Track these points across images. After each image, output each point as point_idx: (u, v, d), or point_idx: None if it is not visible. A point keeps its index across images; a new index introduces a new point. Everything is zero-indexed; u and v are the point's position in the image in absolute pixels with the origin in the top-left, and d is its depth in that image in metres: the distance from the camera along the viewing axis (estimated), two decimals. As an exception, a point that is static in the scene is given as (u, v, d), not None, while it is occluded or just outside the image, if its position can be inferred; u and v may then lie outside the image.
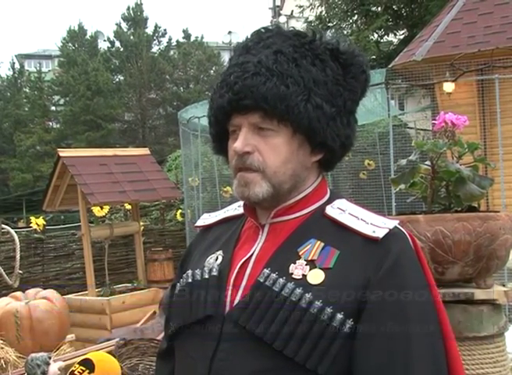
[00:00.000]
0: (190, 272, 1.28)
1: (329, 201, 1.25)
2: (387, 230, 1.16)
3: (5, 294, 5.07)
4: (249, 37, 1.27)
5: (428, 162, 2.16)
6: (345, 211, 1.22)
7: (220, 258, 1.25)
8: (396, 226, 1.18)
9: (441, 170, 2.13)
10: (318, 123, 1.18)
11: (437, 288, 1.21)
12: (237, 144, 1.18)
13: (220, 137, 1.27)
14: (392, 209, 6.48)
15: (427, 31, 7.55)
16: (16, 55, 35.13)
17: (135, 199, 6.63)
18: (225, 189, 9.06)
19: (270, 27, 1.26)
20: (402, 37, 12.54)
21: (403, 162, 2.37)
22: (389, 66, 7.70)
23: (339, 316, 1.10)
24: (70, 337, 4.93)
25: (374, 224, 1.18)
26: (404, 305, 1.11)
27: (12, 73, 30.84)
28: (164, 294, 4.79)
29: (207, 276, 1.23)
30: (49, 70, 35.90)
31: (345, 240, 1.17)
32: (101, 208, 7.06)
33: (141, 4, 31.36)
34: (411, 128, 9.60)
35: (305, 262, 1.16)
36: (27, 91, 30.57)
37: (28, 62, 38.12)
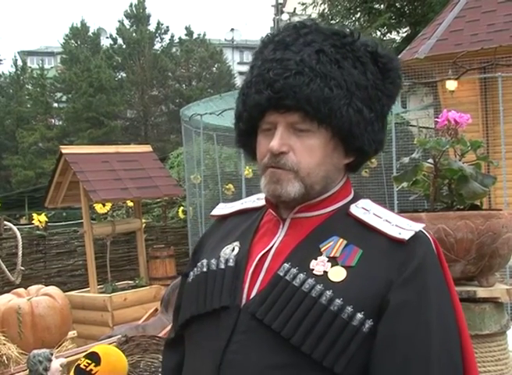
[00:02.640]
0: (205, 261, 1.25)
1: (353, 201, 1.24)
2: (413, 233, 1.15)
3: (8, 291, 5.08)
4: (283, 31, 1.23)
5: (430, 160, 2.16)
6: (369, 211, 1.20)
7: (237, 249, 1.23)
8: (420, 230, 1.17)
9: (443, 168, 2.12)
10: (358, 128, 1.17)
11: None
12: (274, 144, 1.16)
13: (248, 133, 1.24)
14: (395, 207, 6.48)
15: (430, 29, 7.53)
16: (18, 52, 35.10)
17: (137, 196, 6.64)
18: (227, 186, 9.07)
19: (307, 23, 1.22)
20: (405, 34, 12.52)
21: (406, 159, 2.36)
22: (392, 63, 7.67)
23: (360, 315, 1.08)
24: (72, 333, 4.94)
25: (399, 226, 1.16)
26: (426, 309, 1.10)
27: (14, 69, 30.81)
28: (165, 291, 4.79)
29: (223, 267, 1.21)
30: (51, 67, 35.90)
31: (368, 239, 1.16)
32: (103, 205, 7.08)
33: (144, 1, 31.34)
34: (414, 126, 9.59)
35: (327, 259, 1.14)
36: (30, 87, 30.55)
37: (30, 58, 38.09)
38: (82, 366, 2.69)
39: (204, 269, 1.24)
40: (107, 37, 32.63)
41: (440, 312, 1.12)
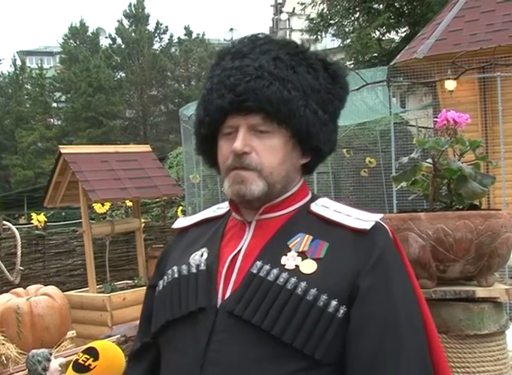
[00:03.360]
0: (175, 268, 1.29)
1: (312, 200, 1.31)
2: (374, 223, 1.22)
3: (7, 291, 5.08)
4: (238, 43, 1.30)
5: (429, 160, 2.16)
6: (329, 208, 1.28)
7: (205, 255, 1.27)
8: (378, 221, 1.24)
9: (442, 168, 2.12)
10: (314, 128, 1.25)
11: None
12: (237, 144, 1.21)
13: (208, 139, 1.29)
14: (394, 207, 6.49)
15: (429, 29, 7.53)
16: (17, 52, 35.14)
17: (136, 196, 6.63)
18: (226, 186, 9.06)
19: (260, 35, 1.30)
20: (404, 34, 12.54)
21: (405, 159, 2.36)
22: (391, 63, 7.69)
23: (334, 302, 1.14)
24: (71, 333, 4.93)
25: (359, 218, 1.24)
26: (391, 292, 1.17)
27: (13, 69, 30.85)
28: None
29: (195, 271, 1.25)
30: (51, 67, 35.94)
31: (332, 233, 1.23)
32: (102, 205, 7.07)
33: (143, 1, 31.36)
34: (413, 126, 9.60)
35: (296, 254, 1.20)
36: (29, 87, 30.59)
37: (30, 58, 38.09)
38: (80, 360, 2.68)
39: (176, 275, 1.28)
40: (106, 37, 32.67)
41: (403, 293, 1.20)
